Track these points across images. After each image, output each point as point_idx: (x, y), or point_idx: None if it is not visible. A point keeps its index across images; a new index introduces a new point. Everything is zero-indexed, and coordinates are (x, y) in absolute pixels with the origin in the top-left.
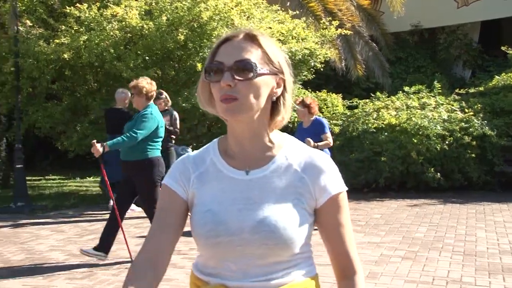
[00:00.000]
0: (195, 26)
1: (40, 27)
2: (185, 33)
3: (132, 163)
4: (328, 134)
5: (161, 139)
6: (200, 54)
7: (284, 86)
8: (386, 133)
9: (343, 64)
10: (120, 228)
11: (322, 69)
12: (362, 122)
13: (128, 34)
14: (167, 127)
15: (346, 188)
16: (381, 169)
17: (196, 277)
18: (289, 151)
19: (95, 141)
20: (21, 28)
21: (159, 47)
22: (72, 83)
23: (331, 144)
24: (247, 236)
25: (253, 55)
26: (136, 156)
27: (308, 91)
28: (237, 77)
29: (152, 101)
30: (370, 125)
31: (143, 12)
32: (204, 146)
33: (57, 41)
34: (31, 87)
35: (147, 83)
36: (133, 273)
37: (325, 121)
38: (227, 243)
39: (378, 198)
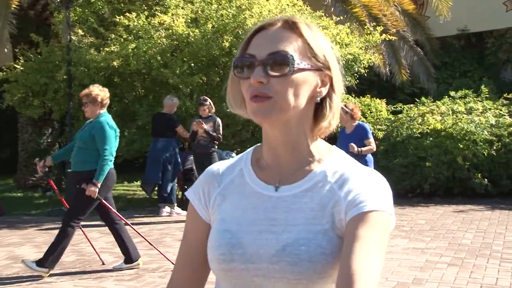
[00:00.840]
0: (240, 33)
1: (91, 36)
2: (230, 40)
3: (80, 173)
4: (371, 139)
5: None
6: None
7: (331, 85)
8: (431, 138)
9: (387, 69)
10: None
11: (365, 75)
12: (406, 127)
13: (175, 42)
14: (211, 133)
15: (392, 215)
16: (426, 174)
17: None
18: (330, 167)
19: (37, 159)
20: (73, 38)
21: (204, 54)
22: (120, 90)
23: (374, 149)
24: (266, 266)
25: (292, 46)
26: (88, 167)
27: (352, 97)
28: (271, 73)
29: (105, 109)
30: (414, 130)
31: (189, 20)
32: (241, 154)
33: (107, 49)
34: None
35: (100, 91)
36: None
37: (368, 126)
38: (242, 271)
39: (422, 204)
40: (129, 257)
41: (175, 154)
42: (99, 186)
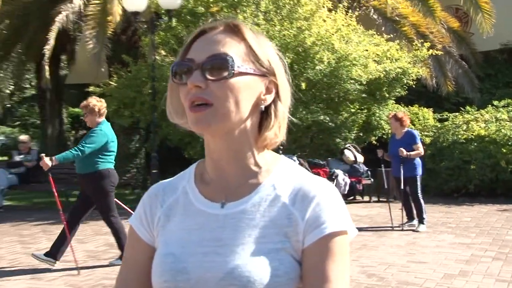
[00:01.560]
0: (300, 50)
1: (172, 55)
2: (291, 57)
3: (84, 176)
4: (419, 145)
5: (113, 153)
6: (304, 74)
7: (277, 92)
8: (475, 144)
9: (433, 81)
10: (68, 238)
11: (414, 86)
12: (452, 133)
13: None
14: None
15: (352, 232)
16: (471, 176)
17: None
18: (279, 178)
19: (43, 154)
20: (157, 57)
21: None
22: None
23: (422, 154)
24: None
25: (233, 49)
26: (87, 169)
27: (401, 106)
28: (209, 77)
29: (104, 118)
30: (459, 136)
31: None
32: (184, 171)
33: None
34: (164, 106)
35: (97, 101)
36: None
37: (416, 132)
38: None
39: (467, 203)
40: (53, 253)
41: None
42: (53, 163)
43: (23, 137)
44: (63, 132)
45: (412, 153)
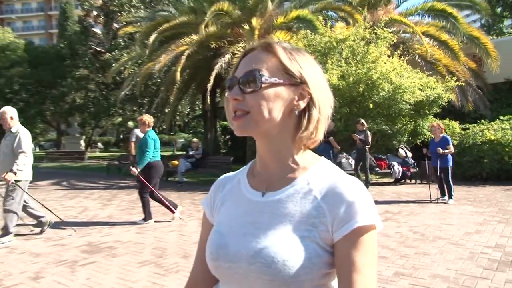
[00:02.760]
0: (369, 83)
1: None
2: (363, 87)
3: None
4: (451, 146)
5: (158, 150)
6: (372, 98)
7: (311, 99)
8: (487, 145)
9: (459, 103)
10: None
11: (446, 106)
12: (471, 138)
13: (330, 88)
14: (363, 138)
15: (379, 225)
16: (484, 167)
17: None
18: (313, 175)
19: (131, 168)
20: None
21: (348, 95)
22: None
23: (452, 151)
24: (244, 266)
25: (265, 64)
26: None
27: (437, 119)
28: (244, 89)
29: (151, 127)
30: (477, 140)
31: (339, 75)
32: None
33: None
34: None
35: (148, 117)
36: None
37: (449, 137)
38: (226, 269)
39: (481, 185)
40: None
41: (330, 154)
42: (138, 170)
43: (194, 140)
44: (217, 136)
45: (446, 151)
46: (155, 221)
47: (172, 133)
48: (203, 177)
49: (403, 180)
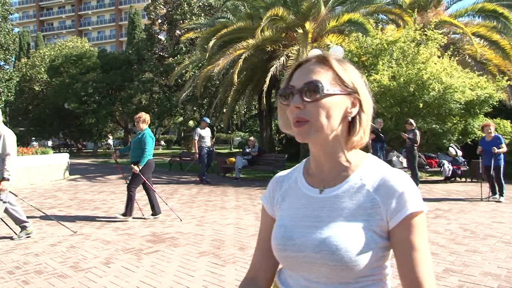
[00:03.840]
0: (419, 83)
1: None
2: (413, 87)
3: (136, 162)
4: (504, 144)
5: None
6: (422, 98)
7: (361, 106)
8: None
9: (510, 102)
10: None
11: (497, 105)
12: None
13: (382, 89)
14: (411, 137)
15: (425, 209)
16: None
17: (276, 283)
18: (365, 172)
19: (132, 165)
20: None
21: (398, 95)
22: None
23: (506, 150)
24: (310, 254)
25: (323, 76)
26: (139, 158)
27: (488, 119)
28: (305, 99)
29: (148, 125)
30: None
31: (390, 76)
32: (298, 164)
33: None
34: None
35: (145, 115)
36: None
37: (501, 136)
38: (294, 258)
39: None
40: (155, 211)
41: (377, 151)
42: (140, 168)
43: (251, 138)
44: (272, 135)
45: (500, 150)
46: (133, 218)
47: (229, 132)
48: (259, 173)
49: (453, 178)
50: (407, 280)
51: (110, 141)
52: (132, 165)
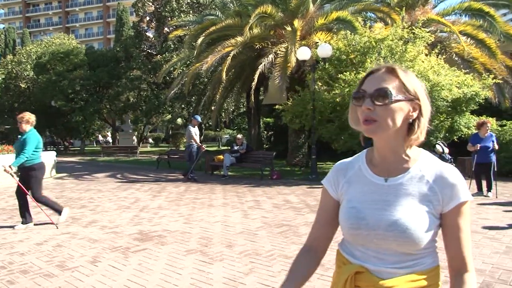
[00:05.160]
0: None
1: (324, 85)
2: None
3: (26, 168)
4: (495, 142)
5: (40, 150)
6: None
7: (420, 111)
8: None
9: (496, 100)
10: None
11: (483, 103)
12: (508, 134)
13: None
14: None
15: (471, 199)
16: None
17: (341, 254)
18: (423, 164)
19: (6, 165)
20: (316, 87)
21: None
22: (340, 114)
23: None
24: (382, 232)
25: (391, 84)
26: (29, 163)
27: (474, 116)
28: (376, 103)
29: (32, 126)
30: None
31: None
32: (357, 154)
33: (333, 92)
34: (320, 116)
35: (29, 115)
36: (297, 256)
37: (493, 134)
38: (366, 235)
39: None
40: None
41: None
42: (12, 169)
43: (239, 136)
44: (260, 132)
45: (496, 147)
46: (34, 224)
47: (218, 129)
48: (247, 171)
49: None
50: (453, 255)
51: (109, 138)
52: (4, 165)
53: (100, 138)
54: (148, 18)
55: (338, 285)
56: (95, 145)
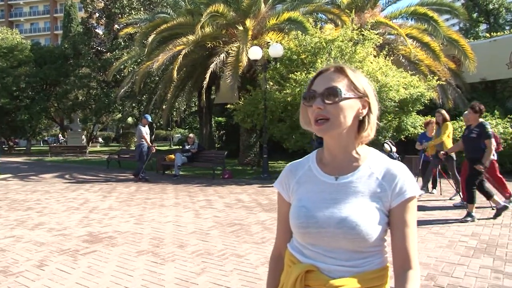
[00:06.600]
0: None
1: (276, 85)
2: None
3: None
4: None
5: None
6: None
7: (369, 108)
8: None
9: (440, 101)
10: None
11: (428, 103)
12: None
13: None
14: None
15: (419, 193)
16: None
17: (291, 254)
18: (372, 162)
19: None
20: (267, 87)
21: None
22: (291, 113)
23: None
24: (332, 230)
25: (340, 83)
26: None
27: (420, 116)
28: (326, 101)
29: None
30: (456, 136)
31: None
32: (307, 155)
33: (284, 92)
34: (271, 116)
35: None
36: (269, 268)
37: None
38: (316, 233)
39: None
40: None
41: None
42: None
43: (190, 135)
44: (212, 132)
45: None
46: None
47: (169, 129)
48: (198, 170)
49: None
50: (398, 249)
51: (61, 136)
52: None
53: (60, 138)
54: (97, 15)
55: (288, 284)
56: (42, 145)
